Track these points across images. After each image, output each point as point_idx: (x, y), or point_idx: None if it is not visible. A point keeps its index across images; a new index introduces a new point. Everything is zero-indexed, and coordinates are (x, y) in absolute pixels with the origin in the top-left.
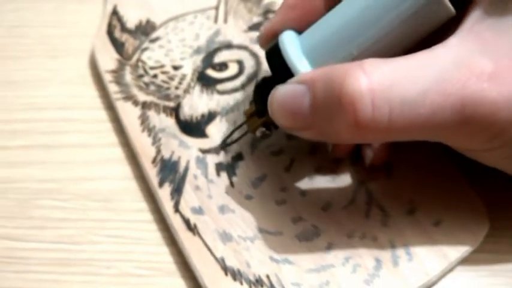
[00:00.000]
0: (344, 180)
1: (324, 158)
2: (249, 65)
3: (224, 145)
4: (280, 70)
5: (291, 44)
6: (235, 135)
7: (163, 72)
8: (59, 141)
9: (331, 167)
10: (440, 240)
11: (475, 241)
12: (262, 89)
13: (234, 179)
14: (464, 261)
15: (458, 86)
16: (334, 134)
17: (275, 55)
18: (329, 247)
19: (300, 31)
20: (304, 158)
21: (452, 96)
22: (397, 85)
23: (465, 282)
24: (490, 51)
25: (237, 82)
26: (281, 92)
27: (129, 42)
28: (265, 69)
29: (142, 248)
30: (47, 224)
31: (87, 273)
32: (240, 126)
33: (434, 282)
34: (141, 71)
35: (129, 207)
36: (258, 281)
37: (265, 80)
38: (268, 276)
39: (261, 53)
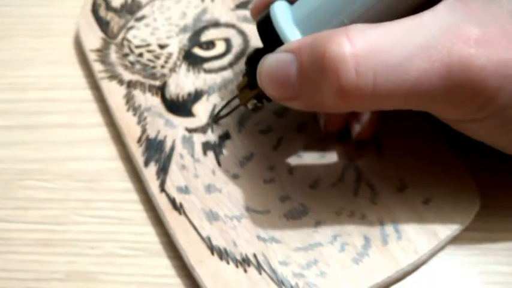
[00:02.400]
0: (333, 158)
1: (312, 136)
2: (237, 43)
3: (216, 118)
4: (271, 40)
5: (282, 13)
6: (227, 109)
7: (149, 51)
8: (42, 121)
9: (319, 145)
10: (430, 218)
11: (466, 219)
12: (254, 61)
13: (221, 158)
14: (455, 240)
15: (444, 52)
16: (321, 102)
17: (266, 25)
18: (317, 225)
19: (292, 1)
20: (292, 136)
21: (438, 62)
22: (382, 51)
23: (456, 261)
24: (477, 19)
25: (225, 60)
26: (269, 61)
27: (114, 21)
28: (254, 46)
29: (127, 228)
30: (30, 205)
31: (71, 253)
32: (233, 99)
33: (424, 261)
34: (126, 50)
35: (114, 187)
36: (245, 260)
37: (257, 51)
38: (255, 255)
39: (249, 31)
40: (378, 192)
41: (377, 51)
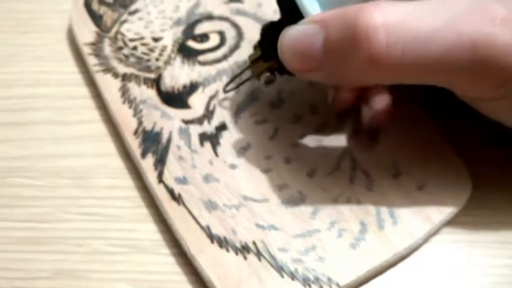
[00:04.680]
0: (328, 146)
1: (308, 126)
2: (231, 36)
3: (227, 90)
4: (291, 12)
5: None
6: (238, 80)
7: (143, 44)
8: (28, 118)
9: (315, 135)
10: (424, 203)
11: (459, 203)
12: (270, 33)
13: (218, 148)
14: (441, 232)
15: (471, 28)
16: (346, 73)
17: None
18: (314, 212)
19: None
20: (288, 126)
21: (465, 36)
22: (411, 22)
23: (443, 252)
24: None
25: (219, 53)
26: (292, 32)
27: (108, 14)
28: (248, 39)
29: (115, 225)
30: (16, 203)
31: (58, 251)
32: (244, 70)
33: (420, 245)
34: (120, 43)
35: (101, 184)
36: (245, 247)
37: (272, 23)
38: (254, 243)
39: (243, 24)
40: (373, 179)
41: (406, 22)
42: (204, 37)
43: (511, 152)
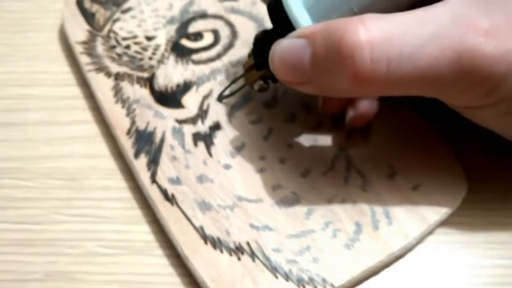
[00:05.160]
0: (323, 147)
1: (302, 126)
2: (225, 34)
3: (221, 98)
4: (281, 23)
5: None
6: (233, 88)
7: (136, 43)
8: (21, 118)
9: (310, 135)
10: (419, 203)
11: (454, 204)
12: (262, 42)
13: (212, 148)
14: (435, 233)
15: (455, 40)
16: (333, 87)
17: (277, 8)
18: (309, 213)
19: None
20: (283, 126)
21: (449, 49)
22: (395, 39)
23: (436, 254)
24: (487, 10)
25: (213, 52)
26: (282, 46)
27: (100, 13)
28: (243, 38)
29: (108, 226)
30: (9, 204)
31: (51, 253)
32: (238, 79)
33: (414, 245)
34: (113, 42)
35: (94, 186)
36: (239, 248)
37: (265, 32)
38: (248, 243)
39: (237, 23)
40: (368, 179)
41: (391, 39)
42: (197, 36)
43: (506, 152)
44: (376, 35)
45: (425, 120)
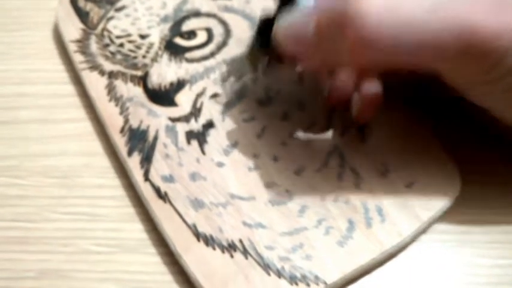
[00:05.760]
0: (317, 144)
1: (296, 124)
2: (218, 32)
3: (224, 79)
4: (286, 2)
5: None
6: (238, 74)
7: (130, 41)
8: (15, 117)
9: (303, 132)
10: (413, 201)
11: (448, 201)
12: (266, 23)
13: (205, 146)
14: (429, 231)
15: (459, 13)
16: (337, 56)
17: None
18: (302, 210)
19: None
20: (276, 124)
21: (453, 22)
22: (401, 8)
23: (429, 252)
24: None
25: (206, 50)
26: (287, 19)
27: (94, 11)
28: (236, 36)
29: (101, 224)
30: (2, 202)
31: (44, 251)
32: (244, 58)
33: (408, 243)
34: (107, 41)
35: (87, 184)
36: (231, 245)
37: (268, 15)
38: (241, 241)
39: (230, 21)
40: (361, 176)
41: (397, 7)
42: (191, 34)
43: (500, 151)
44: (383, 3)
45: (420, 117)
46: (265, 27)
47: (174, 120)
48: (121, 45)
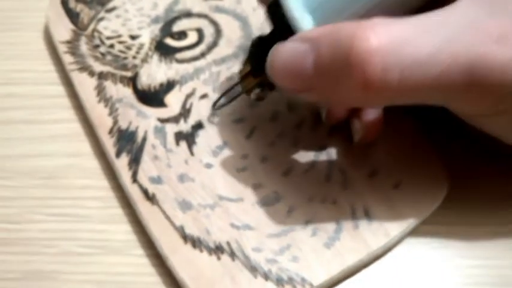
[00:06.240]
0: (305, 145)
1: (285, 125)
2: (209, 33)
3: (216, 107)
4: (282, 26)
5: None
6: (229, 96)
7: (120, 42)
8: (2, 117)
9: (292, 133)
10: (400, 202)
11: (435, 202)
12: (259, 47)
13: (194, 147)
14: (415, 232)
15: (467, 48)
16: (339, 96)
17: (276, 10)
18: (290, 212)
19: None
20: (265, 125)
21: (461, 57)
22: (407, 45)
23: (416, 254)
24: (500, 12)
25: (197, 50)
26: (282, 50)
27: (85, 12)
28: (227, 36)
29: (86, 225)
30: None
31: (27, 252)
32: (233, 87)
33: (394, 244)
34: (97, 41)
35: (73, 185)
36: (219, 247)
37: (262, 38)
38: (228, 243)
39: (221, 21)
40: (349, 177)
41: (403, 46)
42: (182, 34)
43: (489, 153)
44: (388, 41)
45: (409, 118)
46: (258, 51)
47: (163, 121)
48: (111, 46)
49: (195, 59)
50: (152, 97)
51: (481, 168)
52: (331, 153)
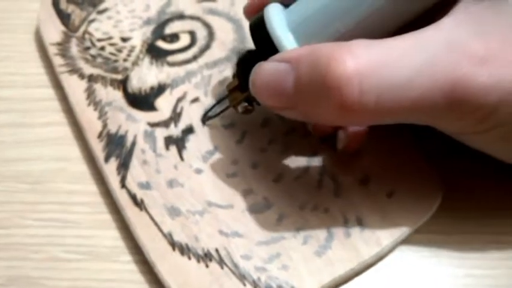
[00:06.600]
0: (296, 151)
1: (276, 130)
2: (202, 36)
3: (205, 119)
4: (264, 45)
5: (276, 17)
6: (217, 108)
7: (111, 44)
8: None
9: (283, 139)
10: (393, 211)
11: (428, 211)
12: (246, 63)
13: (184, 152)
14: (408, 241)
15: (448, 69)
16: (319, 115)
17: (259, 28)
18: (280, 219)
19: (286, 4)
20: (256, 130)
21: (441, 80)
22: (385, 69)
23: (408, 263)
24: (484, 33)
25: (189, 53)
26: (264, 69)
27: (76, 13)
28: (219, 39)
29: (73, 231)
30: None
31: (14, 258)
32: (222, 100)
33: (387, 253)
34: (88, 43)
35: (60, 189)
36: (207, 255)
37: (249, 53)
38: (217, 250)
39: (214, 24)
40: (341, 185)
41: (381, 69)
42: (174, 37)
43: (482, 163)
44: (365, 64)
45: (402, 126)
46: (245, 67)
47: (153, 125)
48: (102, 48)
49: (186, 62)
50: (142, 101)
51: (475, 178)
52: (322, 160)
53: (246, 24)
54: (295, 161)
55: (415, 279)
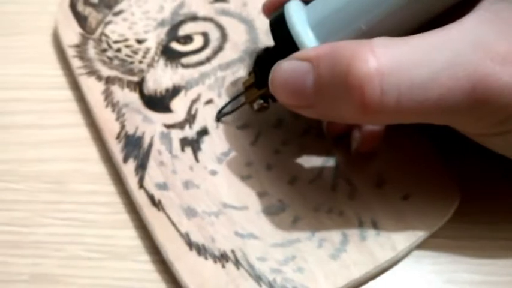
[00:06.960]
0: (311, 153)
1: (290, 131)
2: (215, 37)
3: (220, 116)
4: (285, 42)
5: (297, 14)
6: (232, 105)
7: (127, 46)
8: (10, 121)
9: (297, 141)
10: (409, 214)
11: (445, 215)
12: (264, 60)
13: (199, 154)
14: (424, 246)
15: (471, 69)
16: (338, 114)
17: (280, 26)
18: (295, 221)
19: (306, 1)
20: (270, 131)
21: (463, 79)
22: (407, 68)
23: (424, 267)
24: (506, 31)
25: (202, 55)
26: (283, 68)
27: (92, 15)
28: (232, 40)
29: (93, 230)
30: None
31: (36, 255)
32: (238, 97)
33: (402, 257)
34: (104, 45)
35: (80, 190)
36: (223, 255)
37: (267, 50)
38: (233, 251)
39: (227, 25)
40: (356, 187)
41: (402, 68)
42: (187, 39)
43: (499, 165)
44: (387, 63)
45: (419, 127)
46: (262, 64)
47: (169, 126)
48: (118, 50)
49: (200, 63)
50: (158, 102)
51: (493, 182)
52: (337, 162)
53: (258, 25)
54: (310, 163)
55: (430, 284)
